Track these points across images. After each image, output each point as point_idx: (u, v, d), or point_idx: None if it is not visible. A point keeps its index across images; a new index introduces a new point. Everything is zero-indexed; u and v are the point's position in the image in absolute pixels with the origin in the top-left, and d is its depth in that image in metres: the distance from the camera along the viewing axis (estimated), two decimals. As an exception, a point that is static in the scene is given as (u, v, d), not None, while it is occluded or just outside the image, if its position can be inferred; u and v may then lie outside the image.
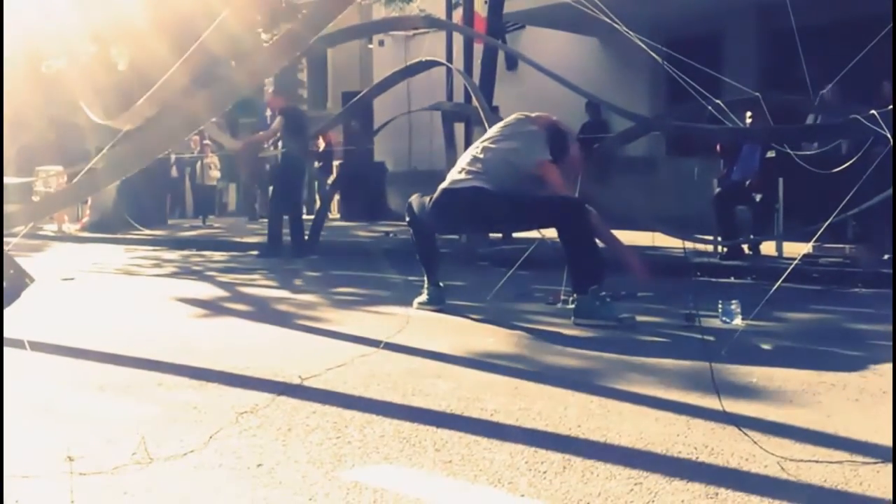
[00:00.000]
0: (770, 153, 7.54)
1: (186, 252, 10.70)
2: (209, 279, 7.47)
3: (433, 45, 12.42)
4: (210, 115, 6.62)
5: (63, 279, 7.16)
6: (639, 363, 3.62)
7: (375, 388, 3.17)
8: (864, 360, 3.64)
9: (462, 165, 4.99)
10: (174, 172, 17.05)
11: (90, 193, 10.06)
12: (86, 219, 14.31)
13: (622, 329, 4.39)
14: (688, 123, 7.44)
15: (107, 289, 6.95)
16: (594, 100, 9.48)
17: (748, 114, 7.52)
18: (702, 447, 2.42)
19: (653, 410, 2.83)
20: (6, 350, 3.49)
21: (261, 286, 6.93)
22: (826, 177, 5.54)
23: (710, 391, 2.87)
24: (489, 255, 8.22)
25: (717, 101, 5.86)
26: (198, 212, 16.88)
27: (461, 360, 3.68)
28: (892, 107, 4.69)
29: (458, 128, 10.63)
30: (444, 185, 4.97)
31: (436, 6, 12.65)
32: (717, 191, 7.93)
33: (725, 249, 7.42)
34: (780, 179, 7.61)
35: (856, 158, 5.43)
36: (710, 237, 7.64)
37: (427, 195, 5.08)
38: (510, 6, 11.10)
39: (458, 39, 11.68)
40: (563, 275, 5.02)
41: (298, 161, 9.51)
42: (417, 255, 5.34)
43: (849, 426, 2.62)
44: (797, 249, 6.24)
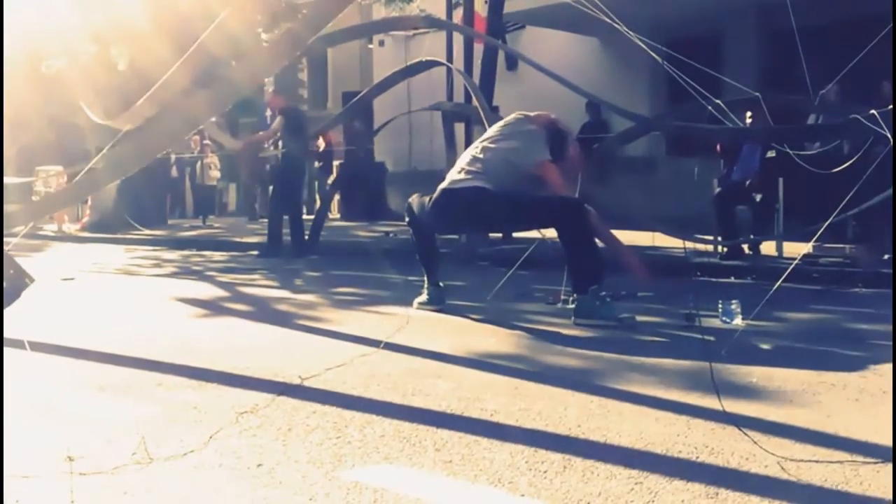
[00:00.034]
0: (770, 153, 7.54)
1: (186, 252, 10.70)
2: (209, 279, 7.47)
3: (433, 45, 12.42)
4: (210, 115, 6.63)
5: (63, 279, 7.16)
6: (639, 363, 3.62)
7: (375, 388, 3.17)
8: (864, 360, 3.64)
9: (462, 165, 4.98)
10: (174, 172, 17.04)
11: (90, 193, 10.05)
12: (86, 219, 14.31)
13: (622, 329, 4.39)
14: (688, 123, 7.44)
15: (107, 289, 6.96)
16: (594, 100, 9.48)
17: (748, 114, 7.52)
18: (702, 447, 2.42)
19: (653, 410, 2.84)
20: (6, 350, 3.49)
21: (261, 286, 6.93)
22: (826, 177, 5.54)
23: (711, 391, 2.87)
24: (489, 255, 8.22)
25: (717, 101, 5.85)
26: (198, 212, 16.88)
27: (461, 360, 3.69)
28: (892, 107, 4.69)
29: (459, 128, 10.63)
30: (444, 186, 4.96)
31: (436, 6, 12.64)
32: (718, 191, 7.93)
33: (725, 249, 7.42)
34: (780, 179, 7.62)
35: (856, 158, 5.43)
36: (710, 237, 7.64)
37: (427, 195, 5.07)
38: (510, 6, 11.10)
39: (459, 39, 11.68)
40: (563, 275, 5.01)
41: (298, 161, 9.51)
42: (417, 255, 5.34)
43: (849, 426, 2.62)
44: (797, 249, 6.24)
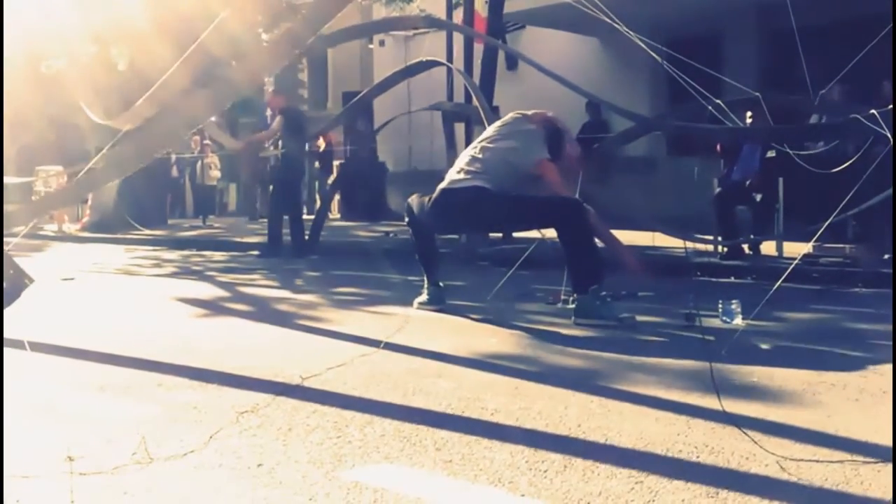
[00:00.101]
0: (770, 153, 7.54)
1: (186, 252, 10.70)
2: (209, 279, 7.47)
3: (433, 45, 12.42)
4: (209, 115, 6.64)
5: (63, 279, 7.16)
6: (639, 363, 3.61)
7: (376, 388, 3.17)
8: (864, 360, 3.64)
9: (461, 165, 4.97)
10: (174, 172, 17.05)
11: (90, 192, 10.07)
12: (86, 219, 14.31)
13: (622, 329, 4.39)
14: (688, 123, 7.44)
15: (107, 289, 6.95)
16: (594, 100, 9.48)
17: (748, 114, 7.52)
18: (702, 447, 2.42)
19: (653, 410, 2.83)
20: (6, 350, 3.49)
21: (261, 286, 6.93)
22: (826, 177, 5.54)
23: (711, 391, 2.87)
24: (489, 255, 8.22)
25: (718, 101, 5.85)
26: (198, 212, 16.88)
27: (461, 360, 3.68)
28: (892, 107, 4.69)
29: (459, 128, 10.64)
30: (443, 186, 4.96)
31: (436, 6, 12.65)
32: (718, 191, 7.93)
33: (726, 249, 7.42)
34: (780, 179, 7.62)
35: (856, 158, 5.43)
36: (710, 237, 7.64)
37: (427, 195, 5.07)
38: (510, 6, 11.10)
39: (459, 39, 11.68)
40: (563, 275, 5.01)
41: (298, 161, 9.51)
42: (417, 255, 5.34)
43: (849, 426, 2.62)
44: (797, 249, 6.23)
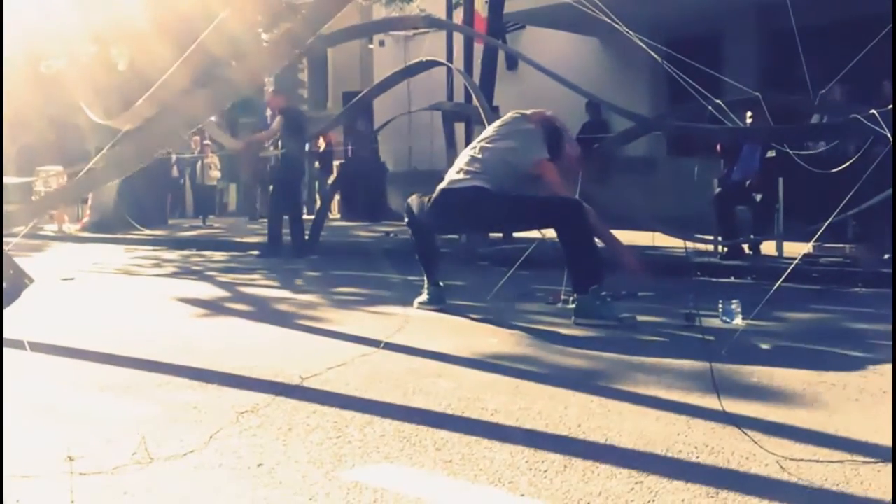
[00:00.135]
0: (770, 153, 7.54)
1: (187, 252, 10.70)
2: (209, 279, 7.47)
3: (433, 45, 12.41)
4: (209, 115, 6.64)
5: (63, 279, 7.16)
6: (639, 363, 3.61)
7: (376, 388, 3.17)
8: (864, 360, 3.64)
9: (460, 166, 4.97)
10: (175, 172, 17.06)
11: (89, 191, 10.07)
12: (86, 219, 14.31)
13: (623, 329, 4.39)
14: (688, 123, 7.44)
15: (107, 289, 6.95)
16: (594, 100, 9.48)
17: (748, 114, 7.52)
18: (702, 446, 2.42)
19: (653, 410, 2.83)
20: (6, 350, 3.49)
21: (261, 286, 6.93)
22: (826, 177, 5.54)
23: (711, 391, 2.87)
24: (489, 255, 8.22)
25: (718, 101, 5.85)
26: (198, 212, 16.88)
27: (462, 360, 3.68)
28: (892, 107, 4.69)
29: (459, 128, 10.63)
30: (443, 186, 4.96)
31: (436, 6, 12.65)
32: (718, 191, 7.93)
33: (726, 249, 7.42)
34: (780, 179, 7.62)
35: (855, 158, 5.43)
36: (711, 237, 7.64)
37: (426, 195, 5.07)
38: (510, 6, 11.10)
39: (459, 39, 11.68)
40: (564, 275, 5.01)
41: (298, 161, 9.50)
42: (417, 256, 5.34)
43: (849, 426, 2.62)
44: (797, 249, 6.24)
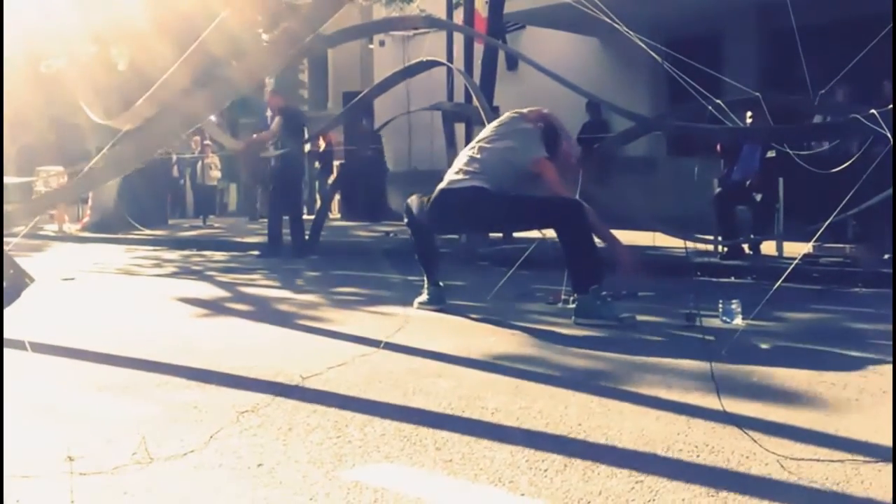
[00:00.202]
0: (770, 153, 7.54)
1: (187, 252, 10.70)
2: (209, 279, 7.47)
3: (433, 45, 12.41)
4: (208, 114, 6.63)
5: (63, 279, 7.16)
6: (639, 362, 3.61)
7: (376, 388, 3.17)
8: (864, 361, 3.64)
9: (459, 166, 4.97)
10: (175, 172, 17.06)
11: (89, 190, 10.07)
12: (86, 219, 14.31)
13: (623, 329, 4.39)
14: (688, 123, 7.43)
15: (107, 289, 6.95)
16: (594, 100, 9.47)
17: (748, 114, 7.52)
18: (702, 446, 2.42)
19: (654, 409, 2.83)
20: (6, 350, 3.49)
21: (261, 286, 6.93)
22: (826, 177, 5.54)
23: (711, 390, 2.87)
24: (489, 255, 8.22)
25: (718, 101, 5.85)
26: (198, 212, 16.89)
27: (462, 360, 3.68)
28: (892, 107, 4.69)
29: (459, 128, 10.62)
30: (442, 186, 4.96)
31: (436, 6, 12.64)
32: (718, 191, 7.93)
33: (726, 249, 7.42)
34: (781, 179, 7.62)
35: (855, 158, 5.43)
36: (711, 237, 7.64)
37: (426, 195, 5.07)
38: (510, 6, 11.09)
39: (459, 39, 11.68)
40: (564, 274, 5.01)
41: (298, 161, 9.50)
42: (417, 256, 5.34)
43: (849, 426, 2.62)
44: (797, 249, 6.23)
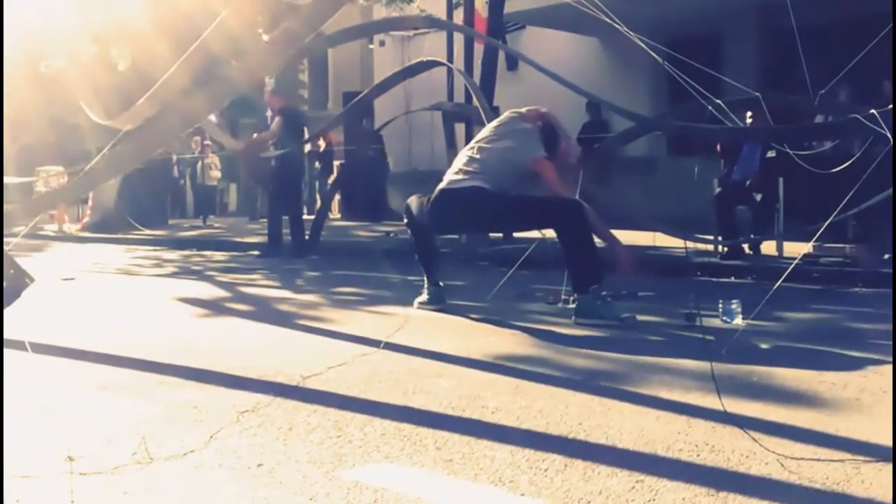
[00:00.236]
0: (770, 153, 7.54)
1: (187, 252, 10.70)
2: (209, 279, 7.47)
3: (434, 46, 12.42)
4: (208, 113, 6.64)
5: (63, 279, 7.16)
6: (640, 362, 3.61)
7: (376, 388, 3.17)
8: (864, 361, 3.64)
9: (458, 166, 4.97)
10: (175, 173, 17.06)
11: (89, 190, 10.07)
12: (86, 219, 14.31)
13: (623, 328, 4.39)
14: (688, 123, 7.43)
15: (107, 289, 6.95)
16: (594, 100, 9.47)
17: (748, 114, 7.51)
18: (703, 445, 2.42)
19: (654, 409, 2.83)
20: (6, 350, 3.49)
21: (261, 286, 6.93)
22: (826, 177, 5.54)
23: (711, 390, 2.87)
24: (489, 255, 8.22)
25: (718, 101, 5.85)
26: (198, 212, 16.89)
27: (462, 360, 3.68)
28: (892, 107, 4.69)
29: (459, 128, 10.62)
30: (442, 186, 4.96)
31: (436, 6, 12.64)
32: (718, 191, 7.93)
33: (726, 249, 7.42)
34: (781, 179, 7.62)
35: (855, 158, 5.43)
36: (711, 237, 7.64)
37: (426, 195, 5.07)
38: (510, 6, 11.09)
39: (459, 39, 11.68)
40: (564, 274, 5.01)
41: (297, 161, 9.49)
42: (417, 256, 5.34)
43: (849, 425, 2.62)
44: (797, 249, 6.23)
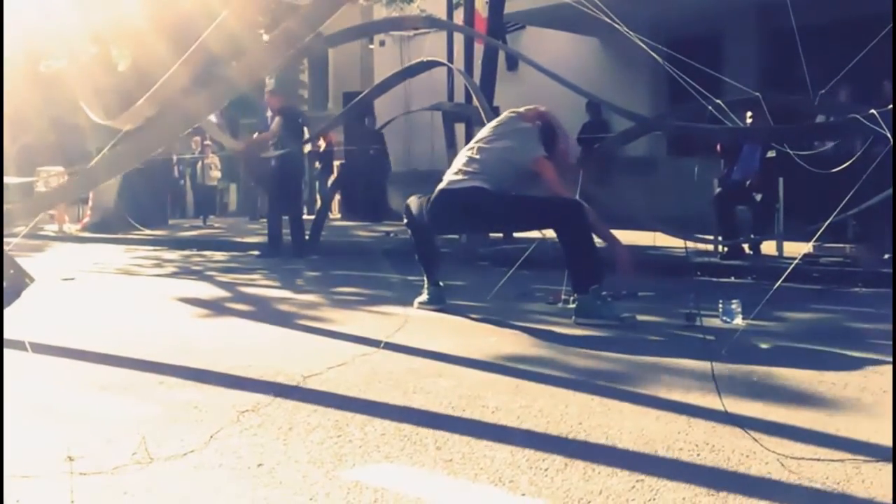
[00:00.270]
0: (770, 153, 7.54)
1: (187, 252, 10.70)
2: (210, 279, 7.47)
3: (434, 46, 12.41)
4: (208, 113, 6.64)
5: (63, 279, 7.16)
6: (640, 362, 3.61)
7: (376, 387, 3.17)
8: (864, 360, 3.64)
9: (458, 166, 4.97)
10: (175, 173, 17.06)
11: (89, 190, 10.07)
12: (86, 219, 14.31)
13: (623, 328, 4.39)
14: (688, 123, 7.44)
15: (107, 289, 6.95)
16: (594, 100, 9.47)
17: (748, 114, 7.51)
18: (703, 445, 2.42)
19: (654, 409, 2.83)
20: (6, 350, 3.49)
21: (261, 286, 6.93)
22: (826, 177, 5.54)
23: (711, 390, 2.87)
24: (489, 255, 8.22)
25: (718, 101, 5.85)
26: (198, 212, 16.90)
27: (462, 359, 3.68)
28: (892, 107, 4.69)
29: (459, 128, 10.63)
30: (442, 186, 4.96)
31: (436, 6, 12.64)
32: (718, 191, 7.94)
33: (726, 249, 7.42)
34: (781, 179, 7.62)
35: (855, 158, 5.43)
36: (711, 237, 7.64)
37: (425, 196, 5.07)
38: (510, 6, 11.09)
39: (459, 39, 11.68)
40: (564, 274, 5.01)
41: (297, 161, 9.49)
42: (417, 256, 5.34)
43: (850, 425, 2.62)
44: (797, 249, 6.24)
